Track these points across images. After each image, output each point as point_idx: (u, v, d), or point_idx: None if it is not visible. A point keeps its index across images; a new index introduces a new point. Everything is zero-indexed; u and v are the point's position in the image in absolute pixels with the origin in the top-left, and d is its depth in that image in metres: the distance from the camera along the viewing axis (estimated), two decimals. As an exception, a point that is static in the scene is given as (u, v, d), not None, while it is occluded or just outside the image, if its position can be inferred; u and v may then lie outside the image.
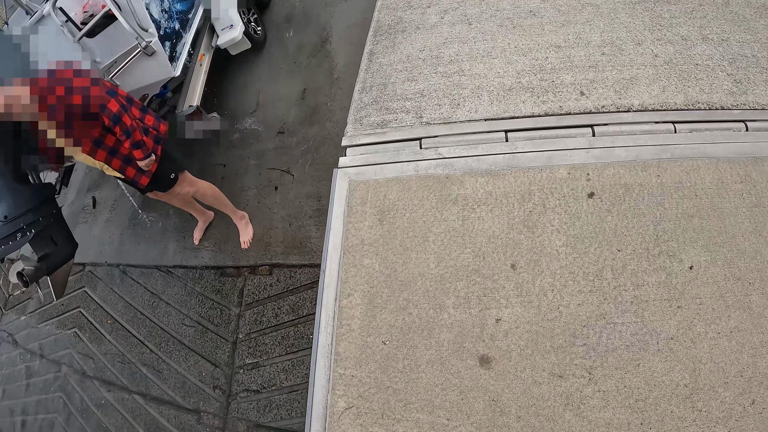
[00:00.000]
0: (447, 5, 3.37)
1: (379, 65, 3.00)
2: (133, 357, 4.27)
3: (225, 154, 4.79)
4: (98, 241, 5.33)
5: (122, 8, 3.82)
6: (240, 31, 4.87)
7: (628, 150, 2.23)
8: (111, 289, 4.86)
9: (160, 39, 4.00)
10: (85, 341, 4.78)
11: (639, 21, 2.87)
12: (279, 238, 3.96)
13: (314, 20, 5.47)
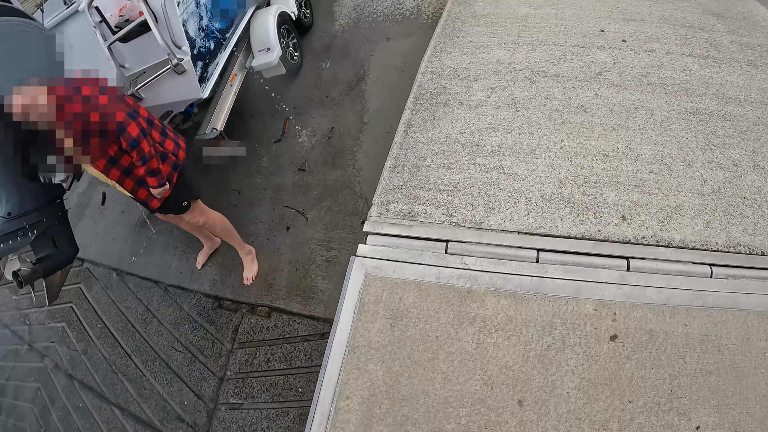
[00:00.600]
0: (495, 82, 3.32)
1: (415, 141, 2.95)
2: (118, 368, 4.25)
3: (241, 181, 4.77)
4: (101, 240, 5.31)
5: (158, 20, 3.77)
6: (277, 55, 4.85)
7: (661, 292, 2.18)
8: (106, 292, 4.84)
9: (192, 58, 3.94)
10: (72, 339, 4.76)
11: (692, 136, 2.85)
12: (283, 281, 3.92)
13: (353, 55, 5.49)
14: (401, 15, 5.71)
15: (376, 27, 5.71)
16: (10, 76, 2.87)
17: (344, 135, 4.56)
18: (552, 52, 3.58)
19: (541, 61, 3.50)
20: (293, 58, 5.40)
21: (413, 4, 5.81)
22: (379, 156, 4.01)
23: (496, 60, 3.58)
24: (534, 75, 3.35)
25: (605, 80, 3.26)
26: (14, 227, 3.10)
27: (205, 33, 4.15)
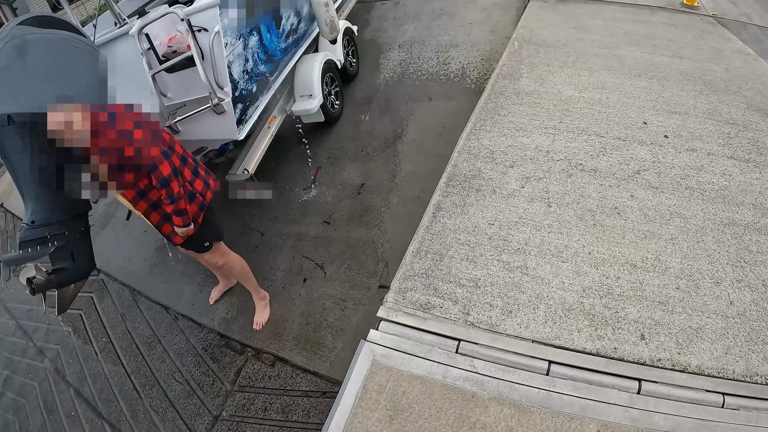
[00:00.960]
0: (531, 171, 3.35)
1: (442, 227, 2.98)
2: (115, 385, 4.28)
3: (266, 223, 4.85)
4: (120, 254, 5.44)
5: (204, 58, 3.89)
6: (318, 103, 4.98)
7: (668, 419, 2.19)
8: (116, 308, 4.92)
9: (233, 100, 4.05)
10: (75, 346, 4.84)
11: (724, 250, 2.86)
12: (292, 332, 3.94)
13: (393, 111, 5.60)
14: (446, 76, 5.83)
15: (419, 85, 5.82)
16: (52, 90, 2.98)
17: (374, 193, 4.62)
18: (592, 143, 3.62)
19: (580, 153, 3.53)
20: (334, 106, 5.52)
21: (458, 66, 5.93)
22: (406, 220, 4.07)
23: (535, 146, 3.61)
24: (571, 167, 3.38)
25: (643, 180, 3.29)
26: (36, 236, 3.19)
27: (250, 76, 4.25)
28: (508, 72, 4.87)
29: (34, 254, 3.16)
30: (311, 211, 4.68)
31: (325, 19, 5.13)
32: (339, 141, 5.38)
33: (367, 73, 6.44)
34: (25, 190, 3.26)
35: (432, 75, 5.94)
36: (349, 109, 5.80)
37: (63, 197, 3.21)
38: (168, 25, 4.08)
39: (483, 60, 5.91)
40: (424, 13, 7.82)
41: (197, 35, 3.80)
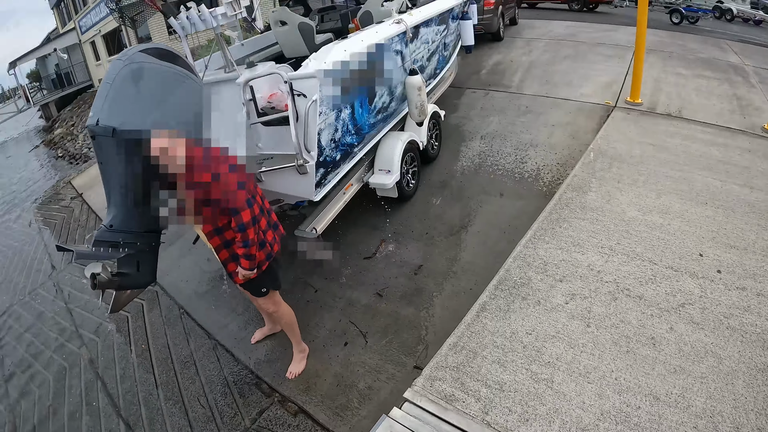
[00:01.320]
0: (579, 289, 3.50)
1: (482, 327, 3.16)
2: (141, 391, 4.53)
3: (322, 281, 5.13)
4: (179, 273, 5.87)
5: (299, 120, 4.26)
6: (394, 180, 5.35)
7: None
8: (162, 321, 5.28)
9: (316, 164, 4.40)
10: (115, 345, 5.20)
11: (752, 396, 2.87)
12: (322, 389, 4.12)
13: (464, 201, 5.87)
14: (520, 175, 6.10)
15: (494, 179, 6.11)
16: (156, 116, 3.39)
17: (430, 276, 4.83)
18: (644, 270, 3.77)
19: (630, 278, 3.68)
20: (409, 185, 5.87)
21: (534, 167, 6.20)
22: (454, 310, 4.24)
23: (587, 264, 3.77)
24: (618, 291, 3.52)
25: (686, 314, 3.40)
26: (110, 239, 3.54)
27: (336, 144, 4.62)
28: (578, 183, 5.12)
29: (104, 254, 3.47)
30: (367, 280, 4.94)
31: (416, 103, 5.50)
32: (407, 219, 5.67)
33: (446, 159, 6.80)
34: (111, 196, 3.64)
35: (507, 171, 6.23)
36: (422, 190, 6.13)
37: (144, 212, 3.53)
38: (271, 82, 4.47)
39: (559, 164, 6.17)
40: (510, 108, 8.22)
41: (296, 99, 4.16)
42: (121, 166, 3.45)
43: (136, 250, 3.59)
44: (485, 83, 9.77)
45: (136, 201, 3.54)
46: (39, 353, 5.55)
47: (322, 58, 4.38)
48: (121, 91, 3.45)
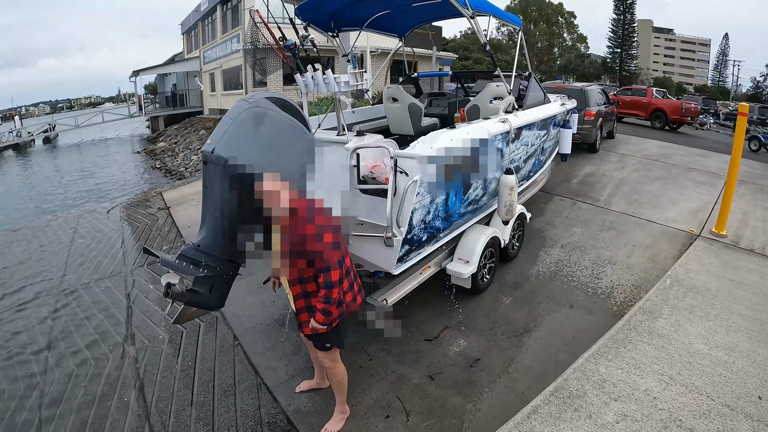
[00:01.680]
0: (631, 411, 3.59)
1: (530, 429, 3.16)
2: (176, 403, 4.59)
3: (378, 352, 5.17)
4: (242, 307, 6.06)
5: (396, 196, 4.42)
6: (471, 271, 5.46)
7: None
8: (215, 346, 5.42)
9: (403, 240, 4.54)
10: (163, 353, 5.36)
11: None
12: (351, 454, 4.15)
13: (533, 305, 5.88)
14: (593, 289, 6.10)
15: (566, 289, 6.13)
16: (267, 160, 3.60)
17: (485, 371, 4.83)
18: (699, 404, 3.71)
19: (684, 409, 3.65)
20: (483, 279, 5.98)
21: (608, 284, 6.20)
22: (502, 409, 4.24)
23: (645, 389, 3.77)
24: (670, 420, 3.52)
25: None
26: (194, 257, 3.76)
27: (425, 226, 4.78)
28: (649, 308, 5.11)
29: (184, 269, 3.69)
30: (422, 360, 4.97)
31: (506, 201, 5.63)
32: (474, 311, 5.72)
33: (523, 260, 6.88)
34: (206, 219, 3.90)
35: (581, 284, 6.24)
36: (495, 287, 6.20)
37: (231, 242, 3.74)
38: (377, 154, 4.69)
39: (633, 286, 6.14)
40: (595, 221, 8.30)
41: (398, 175, 4.37)
42: (222, 195, 3.69)
43: (214, 274, 3.78)
44: (574, 193, 9.91)
45: (227, 230, 3.75)
46: (88, 335, 5.82)
47: (429, 142, 4.59)
48: (240, 129, 3.75)
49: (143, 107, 42.45)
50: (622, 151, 14.01)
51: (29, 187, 22.52)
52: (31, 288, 7.34)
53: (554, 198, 9.59)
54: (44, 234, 10.08)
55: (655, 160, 12.95)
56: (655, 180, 10.95)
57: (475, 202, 5.62)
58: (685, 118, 22.90)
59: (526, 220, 6.94)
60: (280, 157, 3.75)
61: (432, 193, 4.64)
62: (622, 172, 11.57)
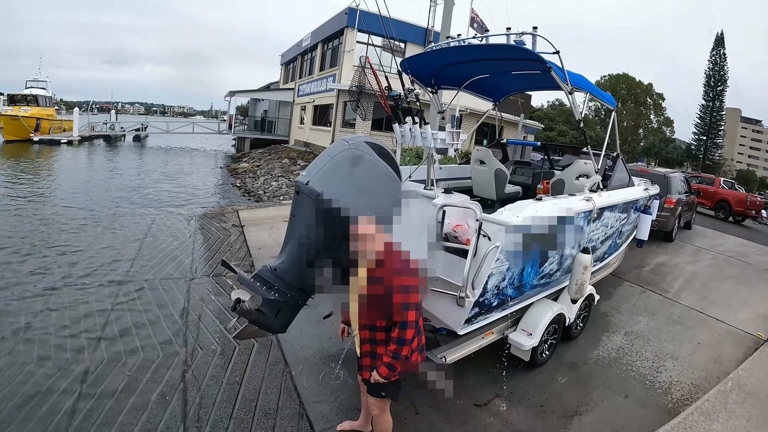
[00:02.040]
0: None
1: None
2: (215, 413, 4.60)
3: (426, 407, 5.04)
4: (299, 336, 6.12)
5: (475, 258, 4.45)
6: (532, 344, 5.38)
7: None
8: (264, 368, 5.45)
9: (475, 302, 4.51)
10: (213, 363, 5.44)
11: None
12: (376, 506, 4.10)
13: (587, 389, 5.62)
14: (650, 382, 5.86)
15: (623, 378, 5.92)
16: (357, 202, 3.71)
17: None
18: None
19: None
20: (542, 354, 5.88)
21: (667, 380, 5.94)
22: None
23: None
24: None
25: None
26: (269, 279, 3.92)
27: (497, 292, 4.76)
28: (707, 409, 4.94)
29: (257, 289, 3.84)
30: (468, 425, 4.86)
31: (578, 280, 5.53)
32: (527, 385, 5.59)
33: (585, 342, 6.72)
34: (288, 245, 4.03)
35: (639, 375, 6.02)
36: (552, 364, 6.06)
37: (308, 273, 3.82)
38: (462, 213, 4.73)
39: (692, 385, 5.88)
40: (662, 313, 8.07)
41: (480, 238, 4.41)
42: (308, 227, 3.83)
43: (284, 300, 3.91)
44: (644, 281, 9.66)
45: (307, 260, 3.88)
46: (143, 329, 6.05)
47: (516, 211, 4.60)
48: (337, 168, 3.88)
49: (233, 126, 44.27)
50: (698, 244, 13.60)
51: (113, 178, 23.62)
52: (99, 273, 7.76)
53: (624, 283, 9.36)
54: (120, 225, 10.66)
55: (731, 257, 12.51)
56: (729, 278, 10.56)
57: (548, 276, 5.55)
58: (749, 211, 22.64)
59: (594, 301, 6.80)
60: (371, 201, 3.85)
61: (510, 261, 4.62)
62: (695, 266, 11.23)
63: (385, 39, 19.69)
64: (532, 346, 5.35)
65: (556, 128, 64.23)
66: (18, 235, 9.93)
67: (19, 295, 6.77)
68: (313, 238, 3.86)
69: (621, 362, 6.28)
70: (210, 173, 29.67)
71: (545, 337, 5.67)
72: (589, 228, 5.97)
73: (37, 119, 37.38)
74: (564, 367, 6.02)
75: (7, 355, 5.27)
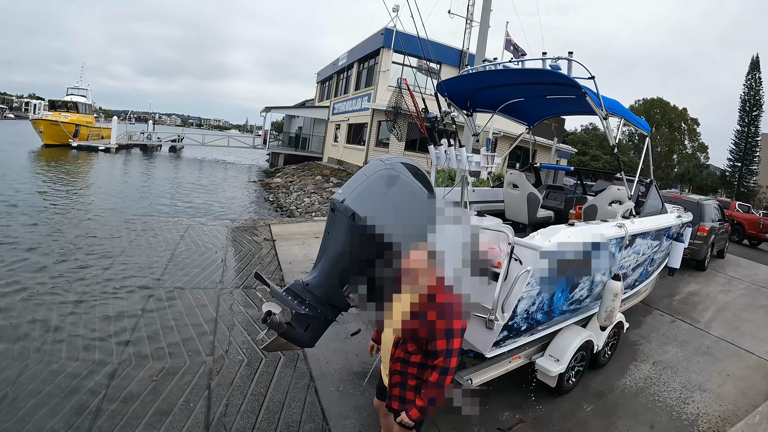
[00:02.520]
0: None
1: None
2: (238, 422, 4.64)
3: (449, 429, 4.96)
4: (326, 351, 6.12)
5: (506, 281, 4.42)
6: (558, 371, 5.29)
7: None
8: (290, 382, 5.46)
9: (504, 326, 4.48)
10: (239, 373, 5.49)
11: None
12: None
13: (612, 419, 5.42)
14: (677, 414, 5.71)
15: (650, 408, 5.78)
16: (391, 221, 3.73)
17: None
18: None
19: None
20: (569, 381, 5.79)
21: (694, 412, 5.78)
22: None
23: None
24: None
25: None
26: (301, 294, 3.95)
27: (527, 316, 4.72)
28: None
29: (288, 302, 3.88)
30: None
31: (608, 307, 5.45)
32: (551, 412, 5.49)
33: (612, 370, 6.59)
34: (321, 261, 4.07)
35: (666, 406, 5.86)
36: (577, 391, 5.95)
37: (338, 289, 3.90)
38: (494, 236, 4.69)
39: (720, 417, 5.73)
40: (691, 343, 7.92)
41: (512, 261, 4.38)
42: (343, 244, 3.87)
43: (314, 314, 3.93)
44: (675, 310, 9.48)
45: (339, 276, 3.93)
46: (171, 336, 6.16)
47: (548, 236, 4.58)
48: (372, 187, 3.90)
49: (267, 141, 44.86)
50: (731, 274, 13.32)
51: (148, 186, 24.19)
52: (131, 279, 7.93)
53: (654, 312, 9.19)
54: (154, 233, 10.88)
55: (764, 287, 12.21)
56: (761, 309, 10.31)
57: (578, 302, 5.49)
58: (763, 234, 22.83)
59: (623, 329, 6.68)
60: (404, 220, 3.85)
61: (541, 286, 4.58)
62: (727, 296, 10.98)
63: (420, 60, 19.77)
64: (559, 372, 5.26)
65: (589, 152, 63.59)
66: (53, 238, 10.22)
67: (50, 298, 6.95)
68: (345, 255, 3.90)
69: (648, 392, 6.15)
70: (243, 186, 30.06)
71: (572, 364, 5.58)
72: (620, 255, 5.89)
73: (76, 125, 38.51)
74: (590, 395, 5.91)
75: (35, 353, 5.42)
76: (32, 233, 10.32)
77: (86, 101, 43.41)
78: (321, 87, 49.12)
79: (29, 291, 7.10)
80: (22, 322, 6.11)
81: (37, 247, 9.28)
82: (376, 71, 30.27)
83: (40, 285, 7.35)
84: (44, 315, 6.37)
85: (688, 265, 12.66)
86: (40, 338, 5.76)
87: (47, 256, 8.77)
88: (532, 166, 9.23)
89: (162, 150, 46.86)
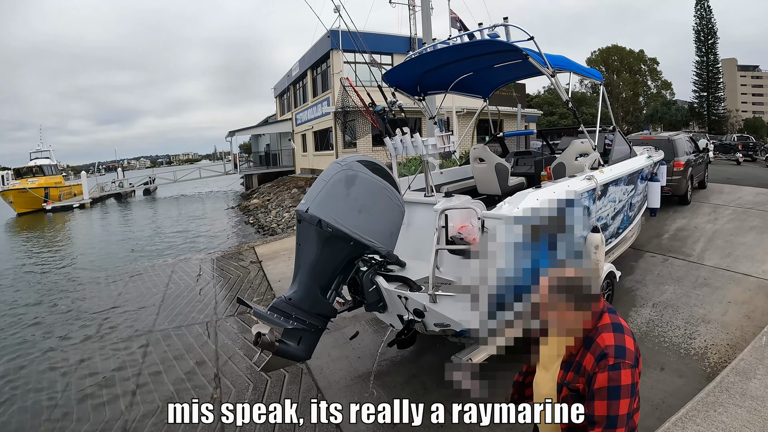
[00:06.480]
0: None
1: None
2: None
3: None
4: (327, 361, 6.09)
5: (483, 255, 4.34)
6: None
7: None
8: (299, 397, 5.43)
9: (491, 300, 4.41)
10: (246, 399, 5.44)
11: None
12: None
13: (621, 368, 5.44)
14: (685, 350, 5.75)
15: (657, 351, 5.81)
16: (356, 221, 3.78)
17: None
18: None
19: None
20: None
21: (702, 345, 5.82)
22: None
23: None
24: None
25: None
26: (285, 309, 3.93)
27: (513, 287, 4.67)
28: (743, 368, 4.78)
29: (275, 320, 3.87)
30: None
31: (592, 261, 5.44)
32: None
33: (619, 313, 6.57)
34: (299, 274, 4.07)
35: (673, 345, 5.91)
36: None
37: (321, 297, 3.92)
38: (464, 215, 4.70)
39: (728, 345, 5.77)
40: (687, 278, 7.92)
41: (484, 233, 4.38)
42: (315, 252, 3.90)
43: (303, 327, 3.93)
44: (665, 249, 9.53)
45: (319, 285, 3.95)
46: (175, 374, 6.17)
47: (515, 203, 4.59)
48: (333, 191, 3.90)
49: (238, 165, 44.79)
50: (715, 201, 13.42)
51: (129, 234, 24.00)
52: (128, 326, 7.94)
53: (645, 255, 9.23)
54: (141, 278, 10.84)
55: (750, 208, 12.29)
56: (751, 230, 10.36)
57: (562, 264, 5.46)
58: None
59: (616, 279, 6.66)
60: (370, 218, 3.90)
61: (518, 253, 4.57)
62: (715, 224, 11.04)
63: (369, 55, 19.79)
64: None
65: (557, 112, 63.60)
66: (42, 299, 10.45)
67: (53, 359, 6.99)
68: (321, 263, 3.93)
69: (652, 335, 6.18)
70: (223, 215, 29.94)
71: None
72: (595, 206, 5.92)
73: (45, 188, 38.08)
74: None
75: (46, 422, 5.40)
76: (26, 313, 10.11)
77: (51, 162, 42.91)
78: (280, 100, 49.05)
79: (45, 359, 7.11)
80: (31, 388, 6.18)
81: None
82: (329, 74, 30.42)
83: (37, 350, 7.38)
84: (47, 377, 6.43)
85: (672, 202, 12.77)
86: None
87: (35, 327, 8.78)
88: (495, 136, 9.27)
89: (136, 195, 46.50)
